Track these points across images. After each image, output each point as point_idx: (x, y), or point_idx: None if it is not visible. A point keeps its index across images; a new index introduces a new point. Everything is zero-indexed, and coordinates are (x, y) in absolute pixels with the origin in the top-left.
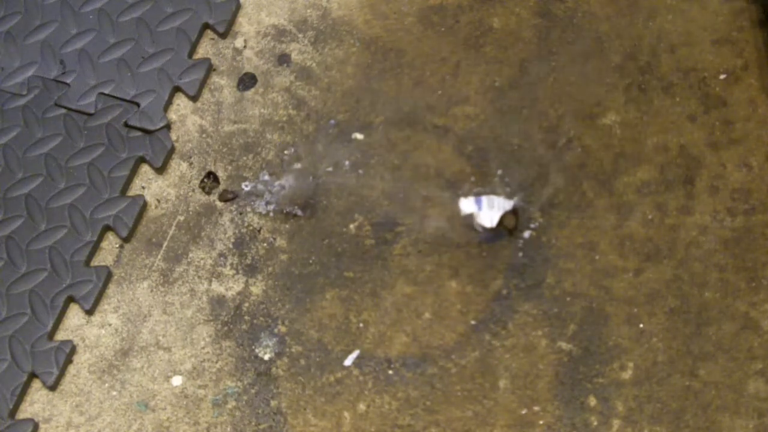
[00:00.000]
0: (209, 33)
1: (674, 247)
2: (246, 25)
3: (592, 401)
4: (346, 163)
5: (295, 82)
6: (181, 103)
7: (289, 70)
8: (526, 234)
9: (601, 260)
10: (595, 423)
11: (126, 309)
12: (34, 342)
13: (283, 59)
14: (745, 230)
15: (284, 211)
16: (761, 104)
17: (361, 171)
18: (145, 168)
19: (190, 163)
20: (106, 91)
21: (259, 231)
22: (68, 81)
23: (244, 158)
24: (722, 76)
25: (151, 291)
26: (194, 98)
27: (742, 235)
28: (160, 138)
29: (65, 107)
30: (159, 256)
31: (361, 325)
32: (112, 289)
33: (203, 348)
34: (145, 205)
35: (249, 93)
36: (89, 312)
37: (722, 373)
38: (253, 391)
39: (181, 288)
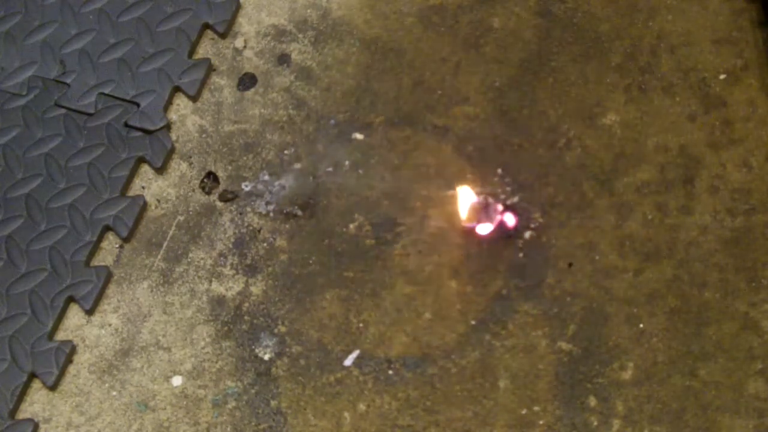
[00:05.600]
0: (209, 33)
1: (674, 247)
2: (246, 25)
3: (592, 401)
4: (346, 163)
5: (295, 82)
6: (181, 103)
7: (289, 70)
8: (526, 234)
9: (601, 260)
10: (595, 423)
11: (126, 309)
12: (34, 342)
13: (283, 59)
14: (745, 230)
15: (284, 211)
16: (761, 104)
17: (361, 171)
18: (145, 168)
19: (190, 163)
20: (106, 91)
21: (259, 231)
22: (68, 81)
23: (244, 158)
24: (722, 76)
25: (151, 291)
26: (194, 98)
27: (742, 235)
28: (160, 138)
29: (65, 107)
30: (159, 256)
31: (361, 325)
32: (112, 289)
33: (203, 348)
34: (145, 205)
35: (249, 93)
36: (89, 312)
37: (722, 373)
38: (253, 391)
39: (181, 288)
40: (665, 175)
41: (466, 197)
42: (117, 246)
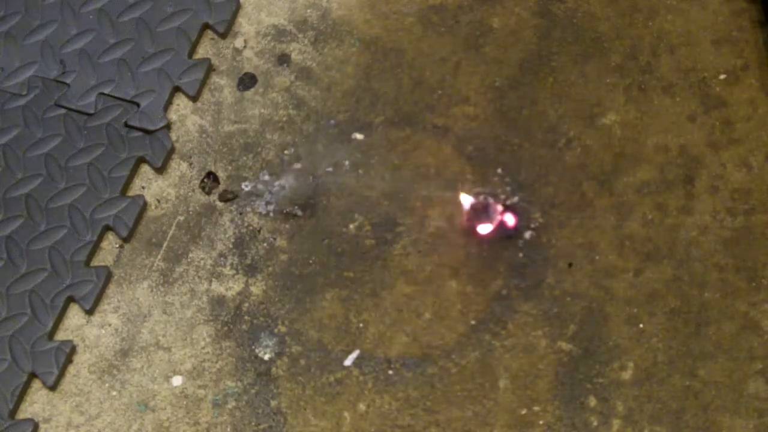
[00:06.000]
0: (209, 33)
1: (674, 247)
2: (246, 25)
3: (592, 401)
4: (346, 163)
5: (295, 82)
6: (181, 103)
7: (289, 70)
8: (526, 234)
9: (601, 260)
10: (595, 423)
11: (126, 309)
12: (34, 342)
13: (283, 59)
14: (745, 230)
15: (284, 211)
16: (761, 104)
17: (361, 171)
18: (145, 168)
19: (190, 163)
20: (106, 91)
21: (259, 231)
22: (68, 81)
23: (244, 158)
24: (722, 76)
25: (151, 291)
26: (194, 98)
27: (742, 235)
28: (160, 138)
29: (65, 107)
30: (159, 256)
31: (361, 325)
32: (112, 289)
33: (203, 348)
34: (145, 205)
35: (249, 93)
36: (89, 312)
37: (722, 373)
38: (253, 391)
39: (181, 288)
40: (665, 175)
41: (466, 197)
42: (117, 246)
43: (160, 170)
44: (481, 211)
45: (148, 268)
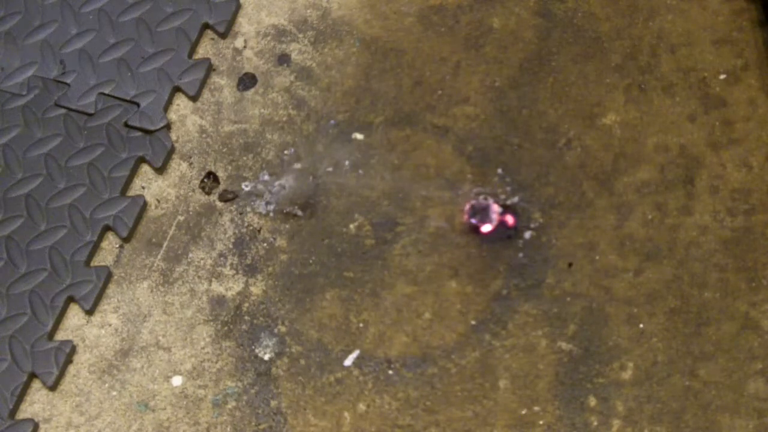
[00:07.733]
0: (209, 33)
1: (674, 247)
2: (246, 25)
3: (592, 401)
4: (346, 163)
5: (295, 82)
6: (181, 103)
7: (289, 70)
8: (526, 234)
9: (601, 260)
10: (595, 423)
11: (126, 309)
12: (34, 342)
13: (283, 59)
14: (745, 230)
15: (284, 211)
16: (761, 104)
17: (361, 171)
18: (145, 168)
19: (190, 163)
20: (106, 91)
21: (259, 231)
22: (68, 81)
23: (244, 158)
24: (722, 76)
25: (151, 291)
26: (194, 98)
27: (742, 235)
28: (160, 138)
29: (65, 107)
30: (159, 256)
31: (361, 325)
32: (112, 289)
33: (203, 348)
34: (145, 205)
35: (249, 93)
36: (89, 312)
37: (722, 373)
38: (253, 391)
39: (181, 288)
40: (665, 175)
41: (466, 198)
42: (117, 246)
43: (160, 170)
44: (481, 211)
45: (148, 268)
